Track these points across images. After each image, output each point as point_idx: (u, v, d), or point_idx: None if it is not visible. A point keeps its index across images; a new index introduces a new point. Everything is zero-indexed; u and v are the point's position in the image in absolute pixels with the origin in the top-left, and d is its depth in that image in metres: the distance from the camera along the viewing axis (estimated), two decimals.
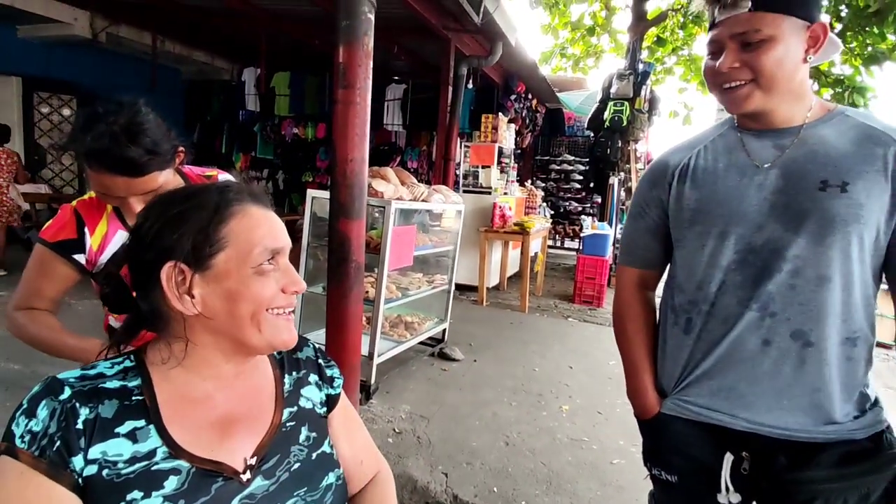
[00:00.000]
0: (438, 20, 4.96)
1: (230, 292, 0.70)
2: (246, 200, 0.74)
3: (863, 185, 0.90)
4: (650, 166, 1.18)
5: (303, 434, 0.81)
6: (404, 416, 2.80)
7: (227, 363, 0.76)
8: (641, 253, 1.18)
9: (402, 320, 3.64)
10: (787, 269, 0.94)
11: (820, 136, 0.96)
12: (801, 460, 0.96)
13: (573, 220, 9.75)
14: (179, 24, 6.76)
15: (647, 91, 7.11)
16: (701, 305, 1.03)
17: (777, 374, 0.96)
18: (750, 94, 0.95)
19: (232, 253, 0.71)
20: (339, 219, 2.49)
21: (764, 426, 0.98)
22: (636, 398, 1.16)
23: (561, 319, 5.22)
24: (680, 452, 1.08)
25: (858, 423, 0.95)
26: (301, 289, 0.76)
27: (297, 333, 0.94)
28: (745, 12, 0.91)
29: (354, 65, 2.41)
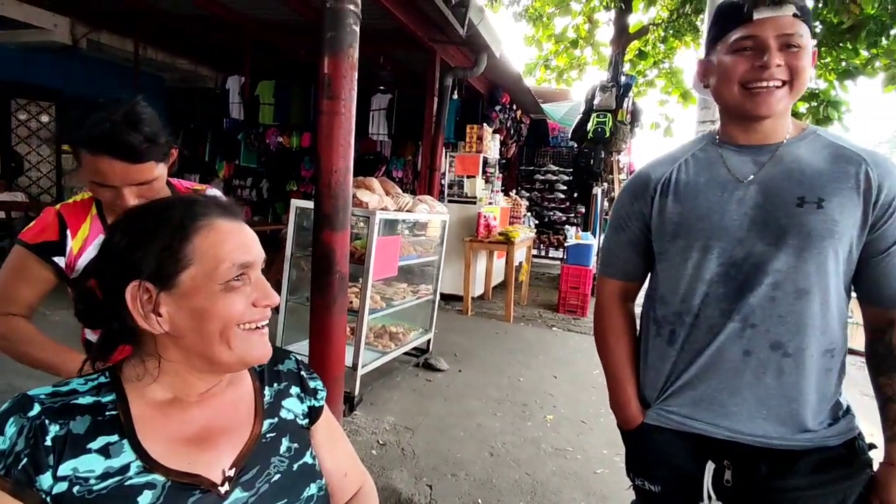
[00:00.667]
0: (424, 32, 5.00)
1: (197, 311, 0.69)
2: (213, 214, 0.73)
3: (837, 202, 0.94)
4: (631, 179, 1.19)
5: (284, 445, 0.80)
6: (388, 428, 2.79)
7: (201, 380, 0.75)
8: (622, 265, 1.19)
9: (387, 331, 3.63)
10: (767, 283, 0.96)
11: (795, 155, 0.99)
12: (781, 468, 0.98)
13: (557, 230, 9.82)
14: (162, 32, 6.72)
15: (629, 103, 7.22)
16: (685, 317, 1.04)
17: (757, 383, 0.98)
18: (783, 96, 0.96)
19: (198, 270, 0.69)
20: (323, 230, 2.48)
21: (744, 435, 0.99)
22: (619, 409, 1.17)
23: (545, 329, 5.24)
24: (663, 462, 1.09)
25: (832, 431, 0.98)
26: (273, 302, 0.75)
27: (278, 346, 0.94)
28: (788, 16, 0.93)
29: (339, 76, 2.41)
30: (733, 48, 0.98)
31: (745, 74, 0.97)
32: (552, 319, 5.61)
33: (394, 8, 4.32)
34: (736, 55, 0.98)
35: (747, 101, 0.98)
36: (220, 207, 0.75)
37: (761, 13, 0.94)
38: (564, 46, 10.06)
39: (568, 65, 10.43)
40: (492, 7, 8.15)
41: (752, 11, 0.95)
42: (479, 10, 4.75)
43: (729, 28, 0.99)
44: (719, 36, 1.02)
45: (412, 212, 3.36)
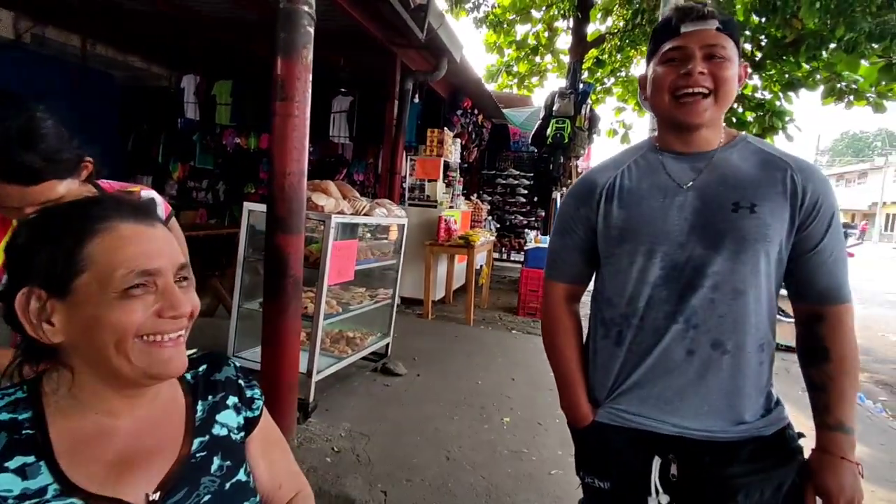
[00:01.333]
0: (383, 34, 4.98)
1: (90, 319, 0.65)
2: (115, 217, 0.68)
3: (768, 207, 1.00)
4: (576, 184, 1.22)
5: (215, 464, 0.77)
6: (344, 435, 2.75)
7: (116, 393, 0.71)
8: (569, 269, 1.22)
9: (344, 336, 3.59)
10: (707, 285, 1.02)
11: (728, 162, 1.06)
12: (722, 459, 1.03)
13: (519, 234, 9.95)
14: (112, 27, 6.46)
15: (587, 110, 7.41)
16: (631, 319, 1.09)
17: (700, 381, 1.04)
18: (708, 106, 1.02)
19: (92, 276, 0.65)
20: (276, 233, 2.44)
21: (689, 430, 1.04)
22: (570, 409, 1.19)
23: (505, 332, 5.29)
24: (613, 459, 1.13)
25: (765, 421, 1.05)
26: (182, 313, 0.70)
27: (217, 352, 0.91)
28: (712, 30, 1.01)
29: (293, 78, 2.38)
30: (663, 59, 1.05)
31: (673, 83, 1.03)
32: (512, 322, 5.67)
33: (352, 9, 4.29)
34: (665, 66, 1.05)
35: (676, 110, 1.04)
36: (126, 209, 0.70)
37: (687, 27, 1.02)
38: (525, 53, 10.23)
39: (528, 71, 10.61)
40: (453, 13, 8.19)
41: (679, 25, 1.02)
42: (439, 14, 4.77)
43: (661, 42, 1.06)
44: (654, 51, 1.09)
45: (369, 215, 3.33)
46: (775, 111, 6.76)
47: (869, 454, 3.13)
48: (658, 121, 1.14)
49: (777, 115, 6.72)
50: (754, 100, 7.00)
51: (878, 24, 4.25)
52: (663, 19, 1.08)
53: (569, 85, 7.49)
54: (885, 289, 11.48)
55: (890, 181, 35.07)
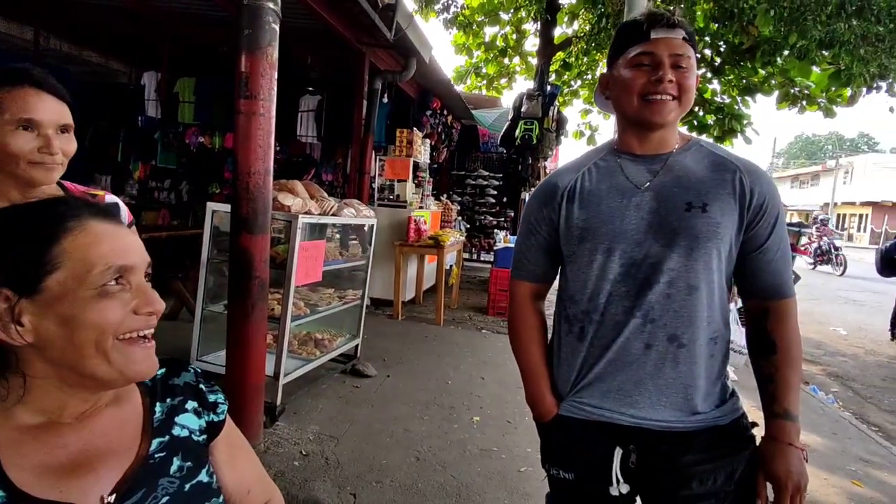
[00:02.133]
0: (352, 34, 4.94)
1: (66, 318, 0.63)
2: (84, 215, 0.68)
3: (719, 206, 1.06)
4: (539, 186, 1.26)
5: (175, 465, 0.75)
6: (312, 438, 2.71)
7: (75, 397, 0.69)
8: (533, 268, 1.26)
9: (312, 337, 3.54)
10: (663, 281, 1.06)
11: (683, 164, 1.11)
12: (679, 448, 1.08)
13: (489, 234, 10.00)
14: (67, 21, 6.21)
15: (554, 112, 7.51)
16: (592, 315, 1.12)
17: (657, 373, 1.08)
18: (673, 108, 1.06)
19: (67, 273, 0.64)
20: (240, 234, 2.39)
21: (647, 420, 1.08)
22: (535, 403, 1.22)
23: (475, 331, 5.31)
24: (576, 450, 1.16)
25: (721, 411, 1.09)
26: (157, 309, 0.70)
27: (175, 358, 0.88)
28: (679, 39, 1.05)
29: (257, 75, 2.34)
30: (632, 63, 1.08)
31: (644, 87, 1.06)
32: (482, 322, 5.70)
33: (319, 7, 4.24)
34: (634, 69, 1.07)
35: (644, 110, 1.08)
36: (93, 209, 0.70)
37: (657, 33, 1.05)
38: (494, 54, 10.31)
39: (497, 73, 10.70)
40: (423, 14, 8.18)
41: (650, 31, 1.05)
42: (407, 15, 4.76)
43: (628, 45, 1.09)
44: (619, 52, 1.11)
45: (337, 216, 3.30)
46: (734, 115, 7.00)
47: (821, 443, 3.27)
48: (619, 120, 1.18)
49: (736, 118, 6.97)
50: (714, 103, 7.24)
51: (827, 33, 4.45)
52: (632, 22, 1.11)
53: (536, 87, 7.58)
54: (837, 286, 12.00)
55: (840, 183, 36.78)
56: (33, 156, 1.09)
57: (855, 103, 5.71)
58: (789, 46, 4.94)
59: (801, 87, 6.50)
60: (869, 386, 4.96)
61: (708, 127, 7.17)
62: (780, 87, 6.75)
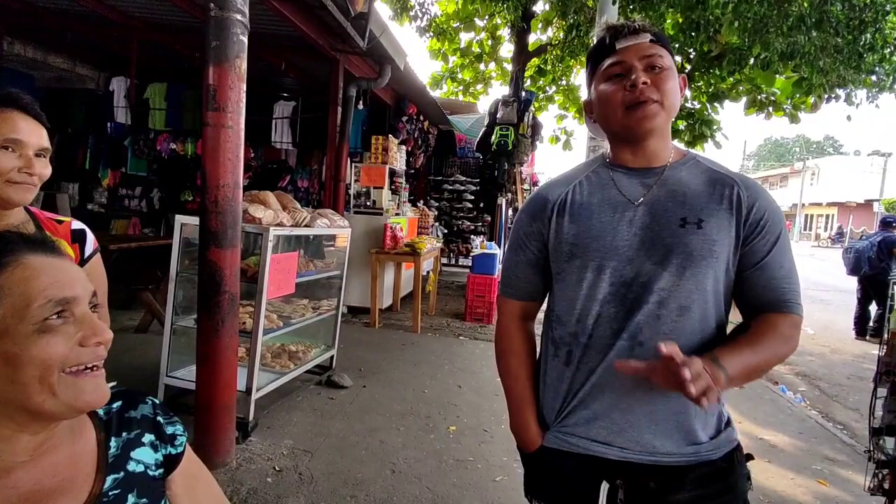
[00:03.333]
0: (325, 41, 4.91)
1: (8, 356, 0.62)
2: (21, 250, 0.67)
3: (715, 222, 1.01)
4: (529, 200, 1.21)
5: (129, 501, 0.74)
6: (286, 453, 2.68)
7: (24, 433, 0.67)
8: (523, 286, 1.20)
9: (286, 350, 3.50)
10: (653, 301, 1.00)
11: (678, 178, 1.06)
12: (669, 486, 1.02)
13: (466, 239, 10.03)
14: (31, 25, 6.03)
15: (529, 117, 7.58)
16: (580, 338, 1.07)
17: (646, 399, 1.02)
18: (658, 112, 1.01)
19: (4, 310, 0.63)
20: (209, 248, 2.36)
21: (634, 453, 1.03)
22: (520, 433, 1.17)
23: (452, 338, 5.31)
24: (560, 484, 1.12)
25: (714, 444, 1.03)
26: (105, 339, 0.69)
27: (131, 389, 0.86)
28: (646, 42, 1.02)
29: (225, 87, 2.31)
30: (606, 76, 1.06)
31: (623, 97, 1.03)
32: (459, 328, 5.71)
33: (292, 16, 4.20)
34: (610, 82, 1.05)
35: (629, 119, 1.03)
36: (30, 243, 0.69)
37: (622, 42, 1.04)
38: (469, 60, 10.36)
39: (473, 78, 10.75)
40: (398, 20, 8.19)
41: (613, 43, 1.04)
42: (380, 23, 4.76)
43: (599, 62, 1.08)
44: (593, 72, 1.10)
45: (310, 227, 3.27)
46: (704, 120, 7.16)
47: (788, 443, 3.36)
48: (610, 138, 1.14)
49: (706, 123, 7.13)
50: (685, 109, 7.40)
51: (789, 45, 4.58)
52: (597, 41, 1.09)
53: (512, 93, 7.65)
54: (804, 285, 12.31)
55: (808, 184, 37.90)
56: (13, 175, 1.13)
57: (818, 110, 5.90)
58: (754, 56, 5.08)
59: (768, 93, 6.70)
60: (835, 384, 5.11)
61: (679, 132, 7.31)
62: (748, 94, 6.94)
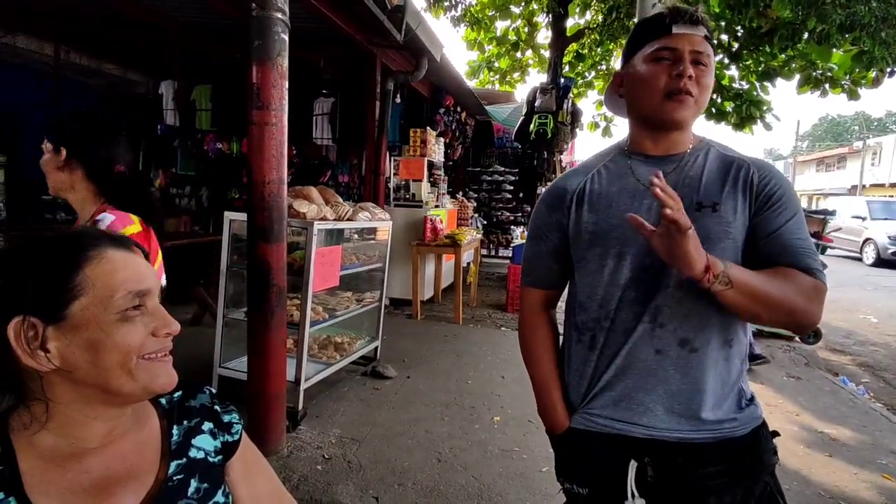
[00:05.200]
0: (362, 36, 4.95)
1: (92, 342, 0.67)
2: (103, 244, 0.71)
3: (730, 205, 1.03)
4: (547, 191, 1.23)
5: (192, 486, 0.77)
6: (334, 441, 2.75)
7: (97, 419, 0.71)
8: (544, 275, 1.23)
9: (332, 341, 3.58)
10: (673, 284, 1.03)
11: (694, 164, 1.08)
12: (695, 460, 1.04)
13: (506, 230, 9.97)
14: (85, 35, 6.35)
15: (569, 104, 7.41)
16: (603, 322, 1.09)
17: (668, 379, 1.04)
18: (692, 106, 1.03)
19: (90, 300, 0.67)
20: (257, 243, 2.43)
21: (660, 431, 1.05)
22: (546, 416, 1.20)
23: (494, 329, 5.30)
24: (589, 465, 1.13)
25: (738, 422, 1.04)
26: (174, 330, 0.74)
27: (191, 381, 0.90)
28: (700, 35, 1.02)
29: (268, 85, 2.37)
30: (652, 57, 1.04)
31: (666, 84, 1.02)
32: (501, 319, 5.69)
33: (329, 11, 4.26)
34: (654, 64, 1.03)
35: (665, 107, 1.03)
36: (110, 238, 0.74)
37: (680, 28, 1.02)
38: (506, 49, 10.22)
39: (510, 67, 10.61)
40: (432, 12, 8.15)
41: (671, 25, 1.02)
42: (416, 15, 4.75)
43: (647, 39, 1.05)
44: (637, 47, 1.08)
45: (353, 220, 3.32)
46: (753, 101, 6.83)
47: (851, 436, 3.20)
48: (632, 120, 1.14)
49: (755, 104, 6.80)
50: (732, 90, 7.07)
51: (848, 16, 4.30)
52: (653, 16, 1.08)
53: (550, 80, 7.49)
54: (864, 272, 11.69)
55: (868, 165, 35.66)
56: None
57: (880, 85, 5.52)
58: (808, 30, 4.79)
59: (824, 69, 6.31)
60: None
61: (726, 114, 7.01)
62: (802, 71, 6.56)
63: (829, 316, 1.62)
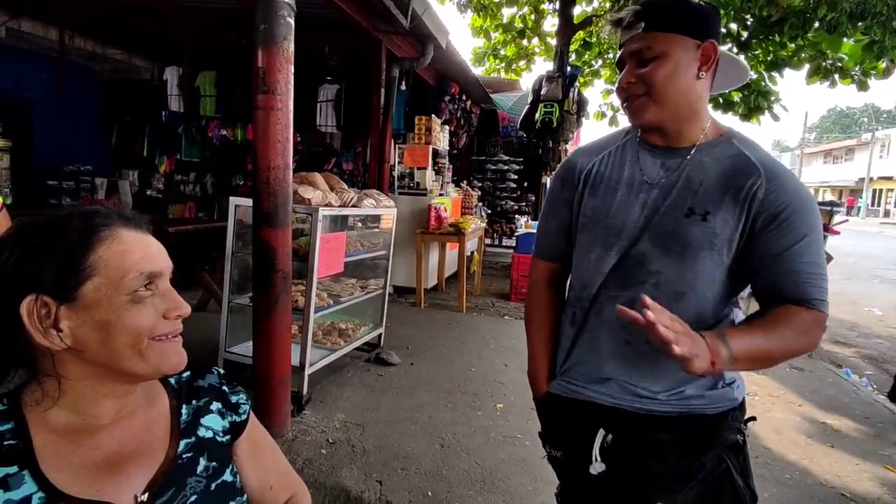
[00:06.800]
0: (368, 21, 4.91)
1: (103, 323, 0.67)
2: (116, 224, 0.71)
3: (721, 216, 0.99)
4: (561, 165, 1.25)
5: (201, 465, 0.79)
6: (338, 426, 2.77)
7: (107, 396, 0.72)
8: (552, 248, 1.26)
9: (336, 327, 3.59)
10: (650, 283, 1.04)
11: (700, 163, 1.04)
12: (653, 428, 1.07)
13: (510, 219, 9.94)
14: (90, 19, 6.32)
15: (575, 93, 7.37)
16: (584, 303, 1.13)
17: (636, 366, 1.07)
18: (645, 105, 1.02)
19: (102, 281, 0.67)
20: (262, 228, 2.43)
21: (625, 400, 1.08)
22: (532, 380, 1.26)
23: (498, 318, 5.32)
24: (566, 429, 1.19)
25: (707, 399, 1.06)
26: (185, 312, 0.74)
27: (199, 360, 0.91)
28: (639, 32, 1.00)
29: (274, 70, 2.35)
30: (618, 69, 1.10)
31: (618, 92, 1.09)
32: (504, 308, 5.70)
33: None
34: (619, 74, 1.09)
35: (626, 113, 1.09)
36: (122, 218, 0.73)
37: (622, 37, 1.05)
38: (512, 36, 10.13)
39: (516, 55, 10.52)
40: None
41: (619, 36, 1.06)
42: (422, 1, 4.71)
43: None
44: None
45: (357, 207, 3.32)
46: (761, 91, 6.77)
47: (853, 427, 3.21)
48: None
49: (762, 95, 6.74)
50: None
51: (859, 4, 4.24)
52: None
53: (556, 68, 7.45)
54: (871, 264, 11.63)
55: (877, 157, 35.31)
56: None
57: (890, 75, 5.46)
58: (819, 19, 4.73)
59: (834, 59, 6.24)
60: None
61: (734, 104, 6.95)
62: (811, 61, 6.49)
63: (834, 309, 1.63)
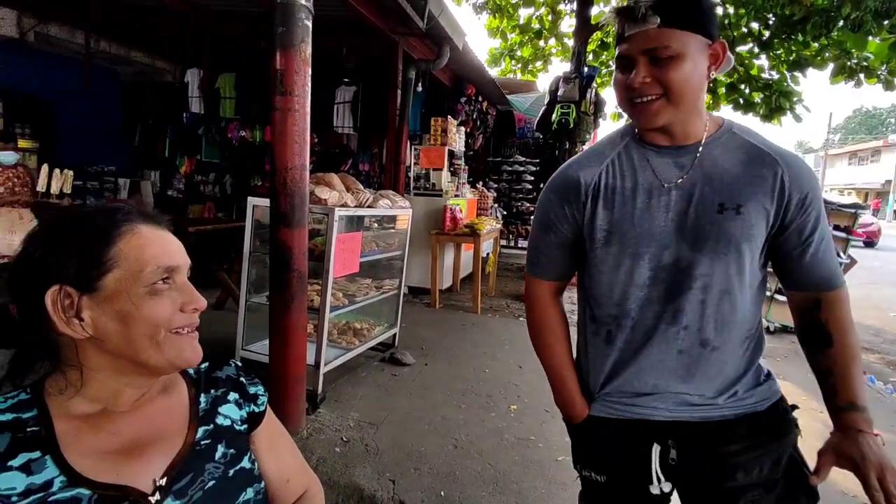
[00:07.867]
0: (384, 23, 4.95)
1: (122, 314, 0.70)
2: (136, 220, 0.74)
3: (753, 207, 0.99)
4: (558, 180, 1.16)
5: (219, 451, 0.81)
6: (353, 425, 2.79)
7: (129, 387, 0.75)
8: (553, 266, 1.20)
9: (351, 327, 3.62)
10: (696, 286, 1.02)
11: (713, 158, 1.02)
12: (719, 438, 1.05)
13: (525, 220, 9.90)
14: (115, 23, 6.47)
15: (592, 94, 7.30)
16: (621, 320, 1.08)
17: (688, 376, 1.05)
18: (661, 108, 0.98)
19: (122, 273, 0.70)
20: (279, 228, 2.46)
21: (681, 412, 1.06)
22: (565, 405, 1.19)
23: (512, 319, 5.30)
24: (609, 452, 1.13)
25: (757, 396, 1.07)
26: (201, 306, 0.76)
27: (218, 351, 0.93)
28: (654, 28, 0.94)
29: (292, 71, 2.38)
30: (617, 65, 1.03)
31: (623, 91, 1.02)
32: (519, 310, 5.68)
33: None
34: (619, 72, 1.02)
35: (635, 115, 1.03)
36: (142, 215, 0.76)
37: (629, 30, 0.97)
38: (529, 37, 10.09)
39: (532, 56, 10.48)
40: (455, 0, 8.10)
41: (623, 30, 0.99)
42: (439, 2, 4.72)
43: (617, 45, 1.03)
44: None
45: (373, 207, 3.34)
46: (783, 91, 6.64)
47: None
48: None
49: (784, 95, 6.61)
50: (762, 80, 6.88)
51: (884, 2, 4.14)
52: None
53: (573, 69, 7.38)
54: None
55: None
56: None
57: None
58: (843, 17, 4.63)
59: (859, 58, 6.10)
60: None
61: (755, 105, 6.84)
62: (835, 60, 6.35)
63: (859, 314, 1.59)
